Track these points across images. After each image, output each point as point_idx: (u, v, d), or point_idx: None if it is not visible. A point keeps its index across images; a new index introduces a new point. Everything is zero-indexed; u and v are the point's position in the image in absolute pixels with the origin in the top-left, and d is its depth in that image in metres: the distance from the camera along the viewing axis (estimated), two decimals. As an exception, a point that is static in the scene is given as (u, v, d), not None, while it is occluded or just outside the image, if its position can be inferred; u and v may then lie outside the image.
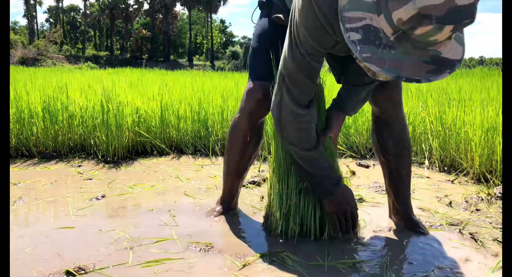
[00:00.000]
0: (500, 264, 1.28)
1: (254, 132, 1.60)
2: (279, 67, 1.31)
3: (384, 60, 0.95)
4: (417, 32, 0.90)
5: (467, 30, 1.01)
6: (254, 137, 1.61)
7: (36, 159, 2.73)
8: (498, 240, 1.47)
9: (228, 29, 63.09)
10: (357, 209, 1.47)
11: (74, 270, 1.20)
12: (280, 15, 1.46)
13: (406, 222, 1.57)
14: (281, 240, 1.44)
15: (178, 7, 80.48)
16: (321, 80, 1.49)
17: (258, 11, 1.63)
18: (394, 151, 1.56)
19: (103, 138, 2.74)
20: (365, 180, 2.29)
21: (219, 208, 1.73)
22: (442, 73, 0.96)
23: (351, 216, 1.44)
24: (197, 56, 56.82)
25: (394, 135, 1.56)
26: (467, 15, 0.88)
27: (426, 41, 0.92)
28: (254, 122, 1.57)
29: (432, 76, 0.96)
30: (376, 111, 1.58)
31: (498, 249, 1.41)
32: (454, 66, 0.97)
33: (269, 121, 2.87)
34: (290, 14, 1.22)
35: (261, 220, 1.65)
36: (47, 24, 59.59)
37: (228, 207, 1.73)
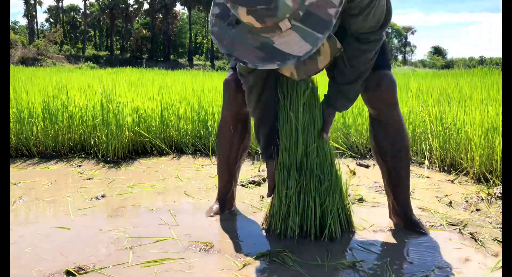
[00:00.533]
0: (500, 264, 1.28)
1: (238, 122, 1.65)
2: None
3: (224, 36, 1.00)
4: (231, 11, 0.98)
5: (466, 29, 1.01)
6: (239, 127, 1.66)
7: (36, 159, 2.73)
8: (498, 240, 1.47)
9: (228, 29, 62.91)
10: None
11: (74, 270, 1.20)
12: None
13: (406, 223, 1.57)
14: (281, 240, 1.44)
15: (178, 7, 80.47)
16: (315, 81, 1.49)
17: None
18: (391, 152, 1.55)
19: (103, 138, 2.74)
20: (365, 180, 2.29)
21: (216, 206, 1.74)
22: (269, 62, 0.98)
23: None
24: (197, 56, 56.78)
25: (390, 136, 1.55)
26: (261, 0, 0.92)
27: (244, 24, 0.97)
28: (234, 112, 1.63)
29: (259, 63, 0.98)
30: (372, 113, 1.57)
31: (498, 249, 1.41)
32: (286, 59, 0.98)
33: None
34: None
35: (261, 219, 1.65)
36: (47, 24, 59.58)
37: (224, 204, 1.74)
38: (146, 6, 49.31)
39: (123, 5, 48.13)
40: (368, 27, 1.29)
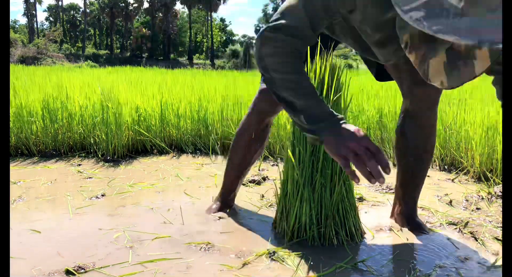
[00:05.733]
0: (498, 262, 1.28)
1: (261, 130, 1.63)
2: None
3: (459, 28, 0.84)
4: None
5: None
6: (260, 135, 1.64)
7: (36, 158, 2.73)
8: (498, 239, 1.47)
9: (228, 28, 63.06)
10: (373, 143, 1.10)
11: (74, 269, 1.20)
12: None
13: (409, 224, 1.56)
14: (281, 240, 1.44)
15: (178, 6, 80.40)
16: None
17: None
18: (416, 153, 1.51)
19: (103, 136, 2.74)
20: (365, 179, 2.29)
21: (215, 205, 1.74)
22: None
23: (369, 152, 1.07)
24: (197, 54, 56.76)
25: (420, 138, 1.50)
26: None
27: (477, 6, 0.81)
28: (262, 121, 1.61)
29: None
30: (410, 109, 1.50)
31: (499, 248, 1.41)
32: None
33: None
34: None
35: (260, 219, 1.65)
36: (47, 23, 59.56)
37: (226, 203, 1.75)
38: (146, 5, 49.31)
39: (123, 4, 48.12)
40: None
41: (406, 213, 1.58)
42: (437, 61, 0.93)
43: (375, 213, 1.76)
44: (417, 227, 1.54)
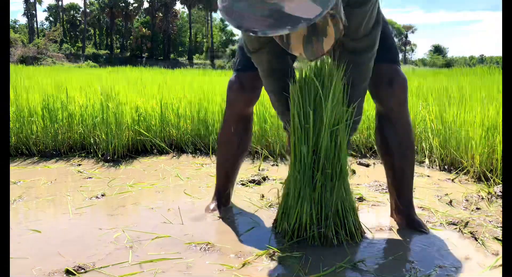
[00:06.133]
0: (498, 262, 1.28)
1: (239, 123, 1.66)
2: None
3: (233, 10, 0.99)
4: None
5: (467, 28, 0.98)
6: (239, 128, 1.66)
7: (36, 157, 2.73)
8: (498, 239, 1.47)
9: (228, 28, 62.98)
10: None
11: (74, 269, 1.20)
12: None
13: (408, 222, 1.56)
14: (281, 240, 1.44)
15: (178, 6, 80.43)
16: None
17: None
18: (398, 151, 1.54)
19: (103, 136, 2.74)
20: (365, 179, 2.29)
21: (212, 205, 1.75)
22: (280, 28, 0.95)
23: None
24: (197, 54, 56.73)
25: (398, 135, 1.53)
26: None
27: None
28: (237, 111, 1.64)
29: (269, 30, 0.95)
30: (381, 110, 1.55)
31: (498, 247, 1.41)
32: (296, 23, 0.94)
33: (269, 120, 2.87)
34: None
35: (260, 219, 1.65)
36: (47, 23, 59.52)
37: (220, 202, 1.75)
38: (146, 4, 49.33)
39: (123, 4, 48.13)
40: (363, 29, 1.26)
41: (404, 212, 1.58)
42: (298, 34, 1.04)
43: (375, 213, 1.76)
44: (417, 226, 1.54)
